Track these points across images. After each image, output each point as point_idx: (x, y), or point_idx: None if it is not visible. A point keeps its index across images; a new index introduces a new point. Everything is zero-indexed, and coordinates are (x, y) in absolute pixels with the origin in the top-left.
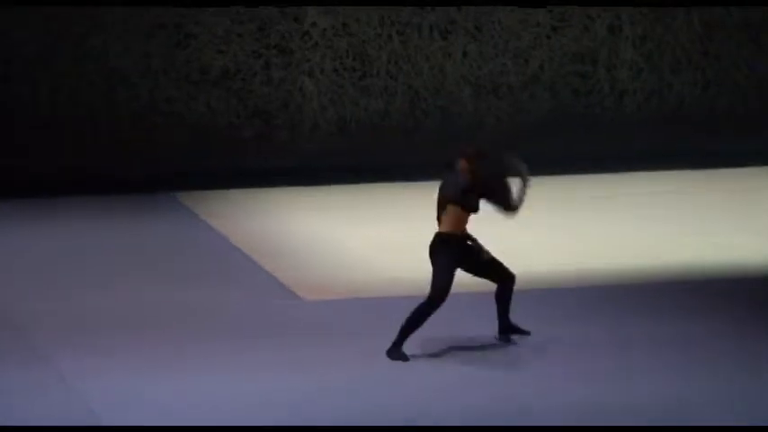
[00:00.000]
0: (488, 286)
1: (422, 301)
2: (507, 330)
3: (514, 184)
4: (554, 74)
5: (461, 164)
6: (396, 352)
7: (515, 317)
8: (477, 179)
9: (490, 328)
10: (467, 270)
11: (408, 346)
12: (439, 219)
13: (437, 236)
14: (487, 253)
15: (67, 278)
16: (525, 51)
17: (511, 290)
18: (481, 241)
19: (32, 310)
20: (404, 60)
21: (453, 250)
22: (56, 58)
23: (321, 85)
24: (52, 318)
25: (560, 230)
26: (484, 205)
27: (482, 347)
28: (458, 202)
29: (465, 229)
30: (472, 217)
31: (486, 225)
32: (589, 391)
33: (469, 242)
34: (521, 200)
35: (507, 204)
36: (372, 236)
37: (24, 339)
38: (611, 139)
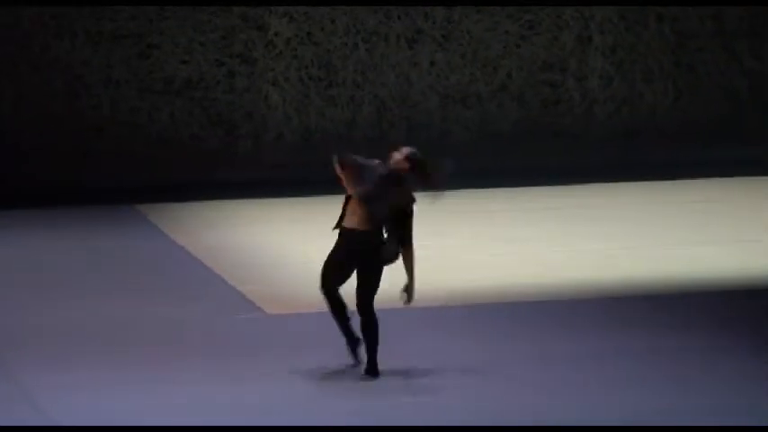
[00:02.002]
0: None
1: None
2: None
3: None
4: (523, 83)
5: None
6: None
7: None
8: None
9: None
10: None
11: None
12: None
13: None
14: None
15: (26, 292)
16: (494, 60)
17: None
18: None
19: None
20: (370, 69)
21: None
22: (18, 66)
23: (286, 94)
24: (11, 332)
25: (525, 243)
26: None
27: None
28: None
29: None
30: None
31: (440, 237)
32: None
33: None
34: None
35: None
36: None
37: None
38: (580, 149)
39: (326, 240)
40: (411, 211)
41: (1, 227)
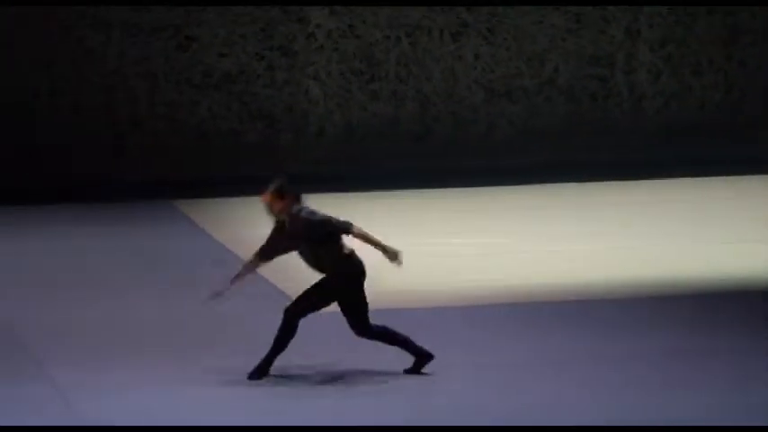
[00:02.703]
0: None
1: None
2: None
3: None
4: (570, 77)
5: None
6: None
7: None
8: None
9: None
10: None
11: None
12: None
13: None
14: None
15: (65, 288)
16: (540, 54)
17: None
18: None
19: (27, 321)
20: (413, 63)
21: None
22: (54, 59)
23: (327, 88)
24: (48, 328)
25: (573, 240)
26: None
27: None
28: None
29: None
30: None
31: (486, 235)
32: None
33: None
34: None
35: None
36: None
37: (20, 351)
38: (628, 144)
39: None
40: (316, 236)
41: (37, 222)
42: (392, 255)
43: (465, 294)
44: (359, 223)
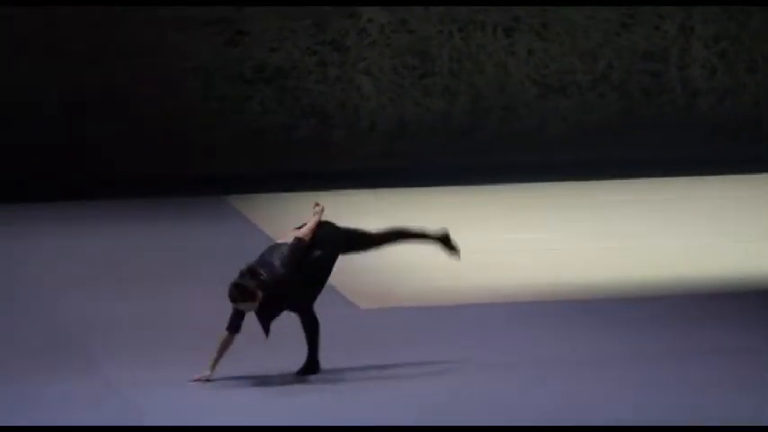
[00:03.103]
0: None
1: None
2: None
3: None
4: (623, 72)
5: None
6: None
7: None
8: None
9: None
10: None
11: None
12: None
13: None
14: None
15: (114, 284)
16: (593, 49)
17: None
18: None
19: (81, 317)
20: (466, 59)
21: None
22: (105, 54)
23: (379, 83)
24: (100, 325)
25: (625, 238)
26: None
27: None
28: None
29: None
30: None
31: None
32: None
33: None
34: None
35: None
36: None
37: (74, 346)
38: (682, 140)
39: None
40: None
41: (88, 219)
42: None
43: (512, 291)
44: (410, 219)
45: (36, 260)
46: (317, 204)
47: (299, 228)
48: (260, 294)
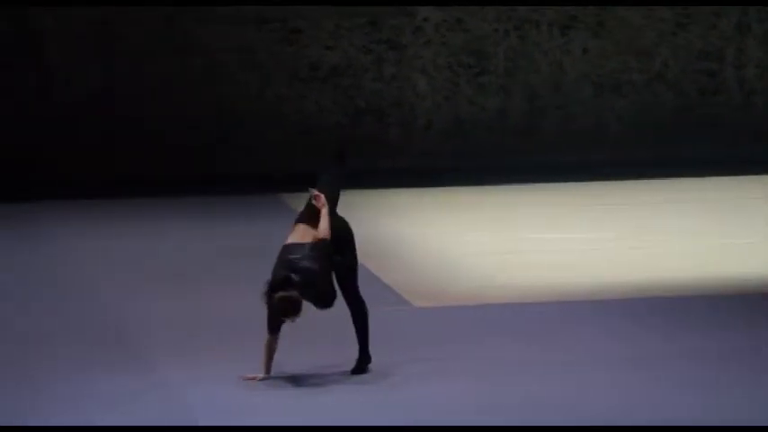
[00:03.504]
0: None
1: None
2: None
3: None
4: (679, 72)
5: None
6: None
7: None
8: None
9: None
10: None
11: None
12: None
13: None
14: None
15: (171, 282)
16: (649, 48)
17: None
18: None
19: (134, 315)
20: (522, 57)
21: None
22: (160, 52)
23: (435, 82)
24: (154, 322)
25: (681, 236)
26: None
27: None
28: None
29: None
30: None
31: (599, 230)
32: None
33: None
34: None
35: None
36: (486, 240)
37: (128, 344)
38: (738, 140)
39: (476, 232)
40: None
41: (142, 215)
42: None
43: (567, 290)
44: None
45: (89, 259)
46: (318, 196)
47: (303, 221)
48: (302, 301)
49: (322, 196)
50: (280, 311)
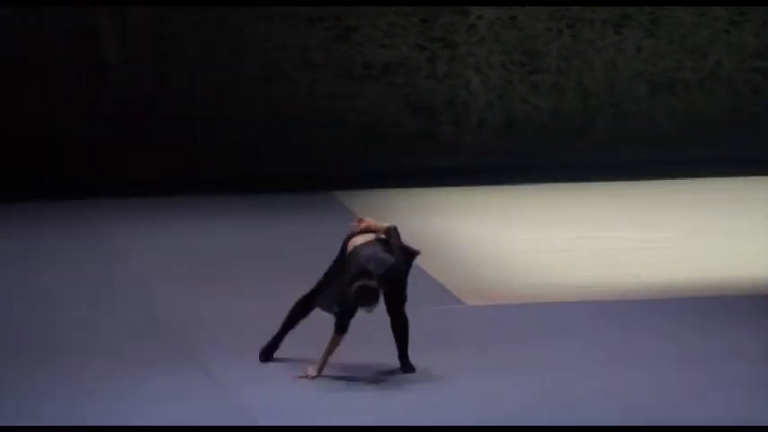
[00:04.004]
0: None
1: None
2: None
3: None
4: (732, 70)
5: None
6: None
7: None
8: None
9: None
10: None
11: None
12: None
13: None
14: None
15: (224, 279)
16: (702, 46)
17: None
18: None
19: (187, 313)
20: (575, 55)
21: None
22: (213, 51)
23: (488, 80)
24: (207, 320)
25: (737, 236)
26: None
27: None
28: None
29: None
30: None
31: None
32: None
33: None
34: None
35: None
36: (539, 238)
37: (178, 342)
38: None
39: (528, 230)
40: None
41: (196, 214)
42: None
43: (626, 289)
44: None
45: (143, 256)
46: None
47: (359, 233)
48: (380, 291)
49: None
50: (359, 299)
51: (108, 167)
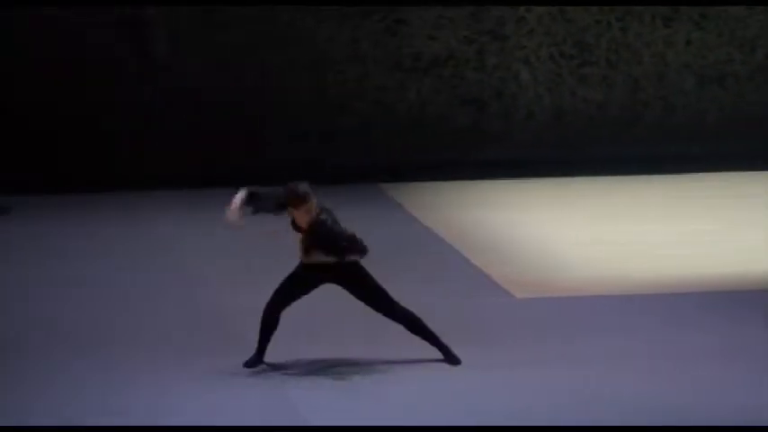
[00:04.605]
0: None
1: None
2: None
3: None
4: None
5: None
6: None
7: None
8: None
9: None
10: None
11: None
12: None
13: None
14: None
15: (267, 273)
16: (752, 40)
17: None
18: None
19: (231, 306)
20: (624, 48)
21: None
22: (262, 43)
23: (537, 72)
24: (250, 314)
25: None
26: None
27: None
28: None
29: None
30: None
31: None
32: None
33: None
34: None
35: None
36: (587, 231)
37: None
38: None
39: (576, 223)
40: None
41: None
42: None
43: (673, 282)
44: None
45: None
46: None
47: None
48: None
49: None
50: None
51: (154, 159)
